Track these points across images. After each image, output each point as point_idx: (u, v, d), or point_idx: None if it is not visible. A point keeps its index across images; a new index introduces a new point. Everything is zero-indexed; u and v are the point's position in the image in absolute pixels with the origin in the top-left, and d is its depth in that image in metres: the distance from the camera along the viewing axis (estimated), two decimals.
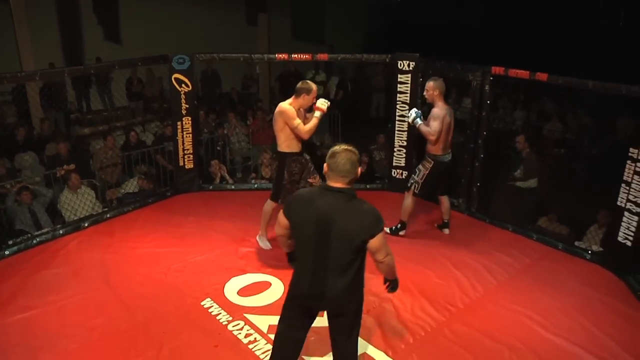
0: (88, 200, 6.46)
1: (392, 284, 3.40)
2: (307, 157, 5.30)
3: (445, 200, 5.79)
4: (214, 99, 10.55)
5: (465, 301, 4.65)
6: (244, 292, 4.68)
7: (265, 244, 5.46)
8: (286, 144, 5.07)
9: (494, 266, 5.21)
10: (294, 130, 4.95)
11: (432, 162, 5.47)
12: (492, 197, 6.61)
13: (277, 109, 5.01)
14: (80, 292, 4.60)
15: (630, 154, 4.95)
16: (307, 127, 4.97)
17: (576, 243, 5.75)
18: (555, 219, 6.31)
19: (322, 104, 5.00)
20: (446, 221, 5.88)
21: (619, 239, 5.06)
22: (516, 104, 9.25)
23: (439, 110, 5.35)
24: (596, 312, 4.54)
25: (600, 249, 5.52)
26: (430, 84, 5.43)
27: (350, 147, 3.00)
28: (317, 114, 4.99)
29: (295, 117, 4.94)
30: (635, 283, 4.90)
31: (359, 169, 3.02)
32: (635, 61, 8.42)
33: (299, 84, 5.06)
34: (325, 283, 3.00)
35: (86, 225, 5.87)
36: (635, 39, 9.25)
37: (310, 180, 5.19)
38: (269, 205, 5.36)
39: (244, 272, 4.99)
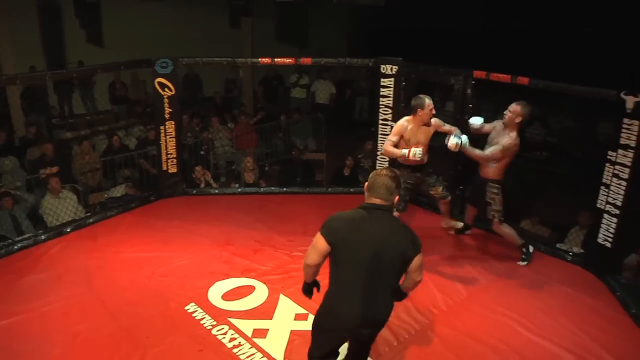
0: (70, 205, 6.39)
1: (402, 297, 3.30)
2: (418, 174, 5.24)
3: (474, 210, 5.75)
4: (197, 103, 10.52)
5: (449, 303, 4.68)
6: (228, 296, 4.67)
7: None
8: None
9: (477, 268, 5.26)
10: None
11: (500, 186, 5.17)
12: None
13: None
14: (64, 298, 4.55)
15: (608, 157, 5.03)
16: (387, 148, 5.10)
17: (558, 245, 5.83)
18: (538, 221, 6.38)
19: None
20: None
21: (599, 240, 5.14)
22: (500, 107, 9.31)
23: (511, 141, 4.95)
24: (578, 313, 4.60)
25: (581, 250, 5.60)
26: (517, 108, 4.95)
27: (390, 173, 3.02)
28: (404, 151, 5.00)
29: (395, 133, 5.09)
30: (615, 284, 4.96)
31: (397, 197, 3.03)
32: (616, 66, 8.54)
33: (412, 101, 5.12)
34: (376, 307, 2.98)
35: (69, 230, 5.82)
36: (617, 45, 9.39)
37: (431, 192, 5.31)
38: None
39: (227, 276, 4.98)
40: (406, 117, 5.15)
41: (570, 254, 5.55)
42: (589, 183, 5.34)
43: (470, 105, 6.05)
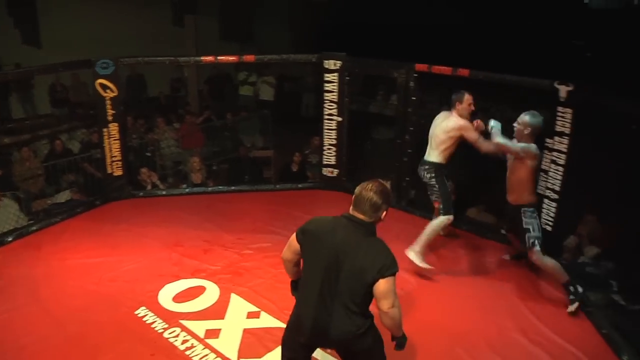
0: (11, 213, 6.20)
1: (398, 342, 3.05)
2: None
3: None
4: (141, 104, 10.33)
5: (399, 293, 4.73)
6: (178, 298, 4.63)
7: (423, 264, 5.01)
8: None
9: (426, 258, 5.36)
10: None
11: (535, 210, 4.71)
12: (422, 190, 6.78)
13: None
14: (7, 310, 4.40)
15: (546, 144, 5.24)
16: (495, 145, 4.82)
17: (502, 231, 6.00)
18: (484, 208, 6.56)
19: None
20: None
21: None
22: (443, 99, 9.51)
23: (532, 150, 4.58)
24: (524, 293, 4.81)
25: None
26: (525, 119, 4.59)
27: (377, 187, 2.83)
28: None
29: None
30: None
31: (384, 213, 2.85)
32: (551, 57, 8.83)
33: (453, 95, 5.04)
34: (331, 320, 2.80)
35: (10, 239, 5.63)
36: (551, 37, 9.69)
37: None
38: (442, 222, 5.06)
39: (177, 277, 4.94)
40: (444, 113, 5.08)
41: None
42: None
43: (414, 98, 6.18)
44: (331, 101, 6.70)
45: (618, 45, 8.05)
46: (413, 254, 4.99)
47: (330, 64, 6.60)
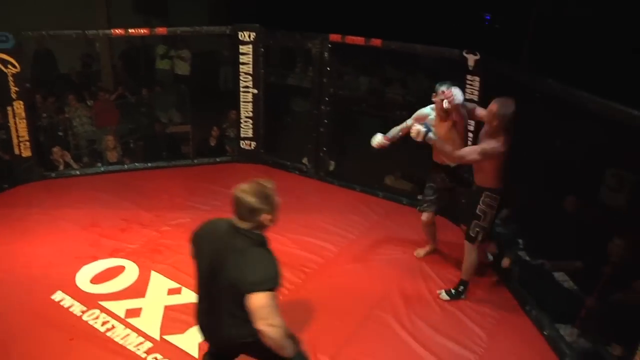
0: None
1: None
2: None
3: None
4: (51, 81, 9.82)
5: (319, 262, 4.89)
6: (97, 279, 4.54)
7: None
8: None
9: (345, 226, 5.51)
10: None
11: (498, 197, 4.16)
12: (340, 161, 6.91)
13: None
14: None
15: None
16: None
17: (419, 197, 6.21)
18: (400, 176, 6.75)
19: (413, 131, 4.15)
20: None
21: None
22: (359, 70, 9.64)
23: (494, 145, 3.92)
24: (434, 257, 5.02)
25: None
26: (493, 107, 3.95)
27: (252, 188, 2.58)
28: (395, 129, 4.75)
29: (413, 118, 4.62)
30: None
31: (266, 217, 2.58)
32: (460, 27, 9.12)
33: None
34: (221, 328, 2.67)
35: None
36: (461, 7, 9.98)
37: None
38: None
39: (95, 259, 4.82)
40: (432, 105, 4.52)
41: None
42: None
43: (329, 69, 6.22)
44: (246, 73, 6.66)
45: (524, 19, 8.42)
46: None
47: (244, 35, 6.53)
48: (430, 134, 4.05)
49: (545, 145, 4.94)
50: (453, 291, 4.45)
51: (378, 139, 4.71)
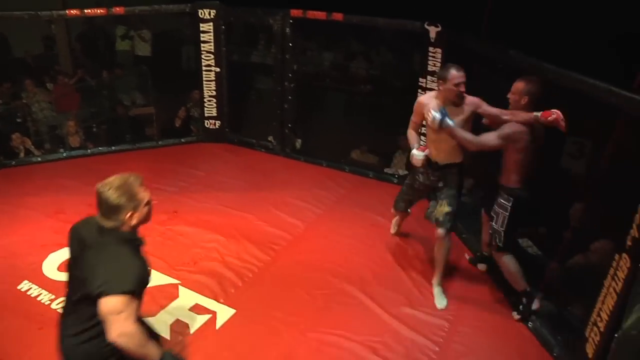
0: None
1: None
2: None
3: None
4: (7, 66, 9.53)
5: (288, 238, 4.92)
6: (64, 267, 4.47)
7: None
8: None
9: (312, 201, 5.54)
10: None
11: (513, 199, 3.79)
12: (307, 137, 6.91)
13: None
14: None
15: (419, 84, 5.50)
16: (408, 134, 4.19)
17: (385, 170, 6.28)
18: (366, 150, 6.79)
19: (412, 156, 4.04)
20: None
21: None
22: (323, 46, 9.59)
23: (514, 128, 3.61)
24: (403, 229, 5.06)
25: (406, 172, 6.09)
26: (519, 86, 3.68)
27: (116, 182, 2.35)
28: (413, 149, 4.10)
29: (414, 112, 4.14)
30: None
31: (130, 216, 2.35)
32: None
33: (438, 71, 4.12)
34: (64, 335, 2.43)
35: None
36: None
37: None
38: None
39: (61, 246, 4.69)
40: (431, 92, 4.17)
41: (396, 176, 6.03)
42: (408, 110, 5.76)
43: (291, 44, 6.18)
44: (208, 52, 6.58)
45: None
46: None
47: (205, 13, 6.44)
48: (448, 120, 3.71)
49: None
50: (521, 307, 3.95)
51: (419, 155, 4.05)
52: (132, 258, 2.33)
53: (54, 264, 4.52)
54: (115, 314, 2.18)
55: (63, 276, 4.29)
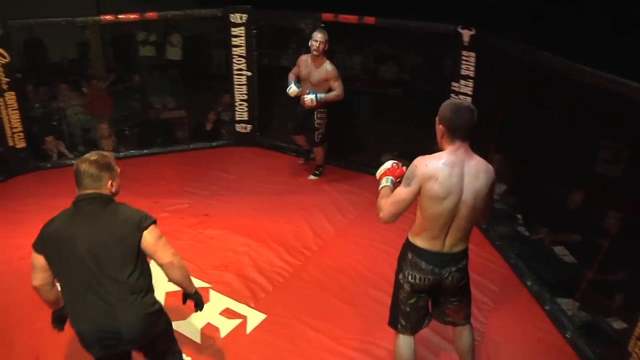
0: None
1: (196, 300, 2.90)
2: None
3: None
4: (43, 70, 9.73)
5: (319, 242, 4.89)
6: None
7: None
8: None
9: (342, 205, 5.51)
10: None
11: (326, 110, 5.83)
12: (336, 140, 6.87)
13: None
14: None
15: (452, 88, 5.42)
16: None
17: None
18: (396, 154, 6.71)
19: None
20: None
21: None
22: (352, 49, 9.58)
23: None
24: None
25: None
26: (318, 35, 5.55)
27: (91, 157, 2.65)
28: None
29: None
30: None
31: (112, 183, 2.65)
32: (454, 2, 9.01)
33: None
34: (118, 314, 2.50)
35: None
36: None
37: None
38: None
39: None
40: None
41: None
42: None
43: None
44: (239, 56, 6.60)
45: None
46: None
47: (236, 17, 6.46)
48: (320, 95, 5.44)
49: (542, 119, 4.92)
50: (316, 172, 6.06)
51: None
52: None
53: None
54: (160, 239, 2.57)
55: None
